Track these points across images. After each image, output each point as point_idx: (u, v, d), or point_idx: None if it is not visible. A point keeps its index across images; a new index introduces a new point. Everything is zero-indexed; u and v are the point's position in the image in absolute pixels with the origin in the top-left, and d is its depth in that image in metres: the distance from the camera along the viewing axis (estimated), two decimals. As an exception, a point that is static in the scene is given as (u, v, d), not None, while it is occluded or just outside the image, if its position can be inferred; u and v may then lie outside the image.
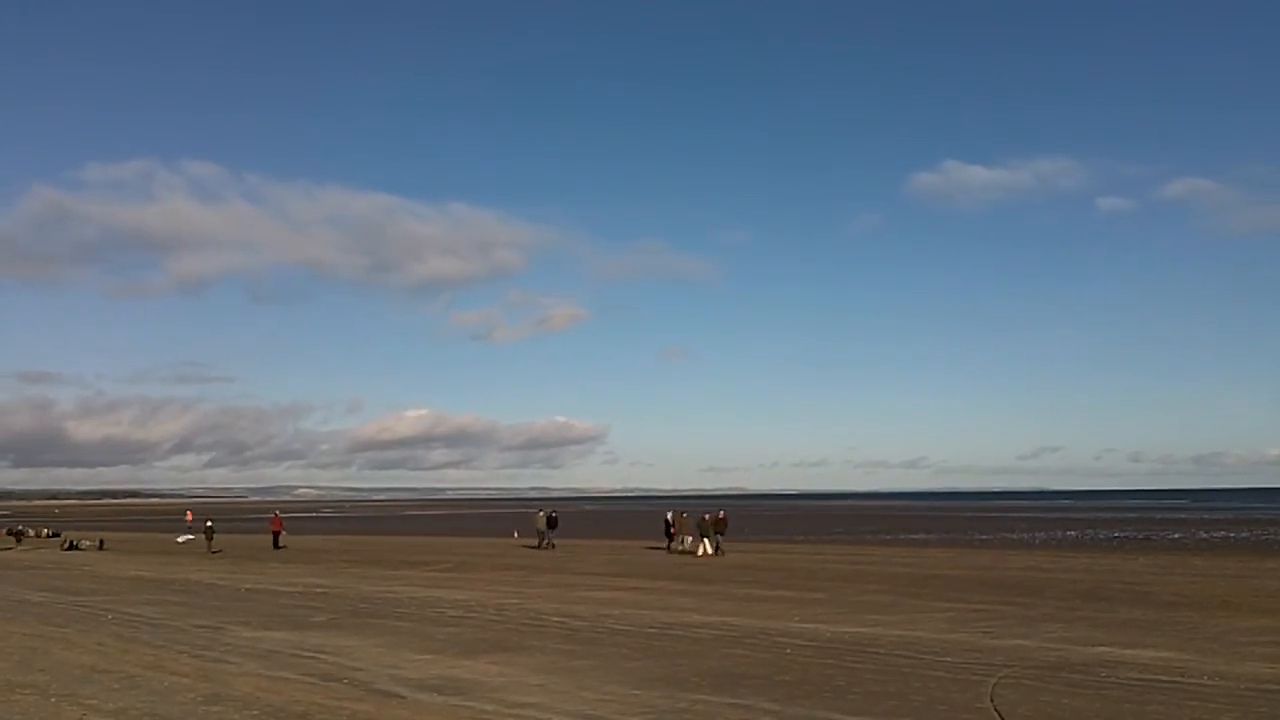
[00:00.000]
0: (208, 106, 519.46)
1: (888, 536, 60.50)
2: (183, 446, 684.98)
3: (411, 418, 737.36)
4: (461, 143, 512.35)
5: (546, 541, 43.52)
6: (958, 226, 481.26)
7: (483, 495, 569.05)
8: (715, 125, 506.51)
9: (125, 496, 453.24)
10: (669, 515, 43.05)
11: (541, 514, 45.81)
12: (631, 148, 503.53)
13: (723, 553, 37.41)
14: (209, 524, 49.22)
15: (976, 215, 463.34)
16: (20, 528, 59.04)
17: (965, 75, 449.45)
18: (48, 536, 58.47)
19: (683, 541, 39.60)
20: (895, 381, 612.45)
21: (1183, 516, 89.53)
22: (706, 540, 37.31)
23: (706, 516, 38.59)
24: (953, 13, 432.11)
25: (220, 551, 44.90)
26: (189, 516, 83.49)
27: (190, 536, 55.03)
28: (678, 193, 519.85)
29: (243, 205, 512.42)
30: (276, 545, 47.16)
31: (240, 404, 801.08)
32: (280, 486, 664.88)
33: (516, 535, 65.03)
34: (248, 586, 26.02)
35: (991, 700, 10.48)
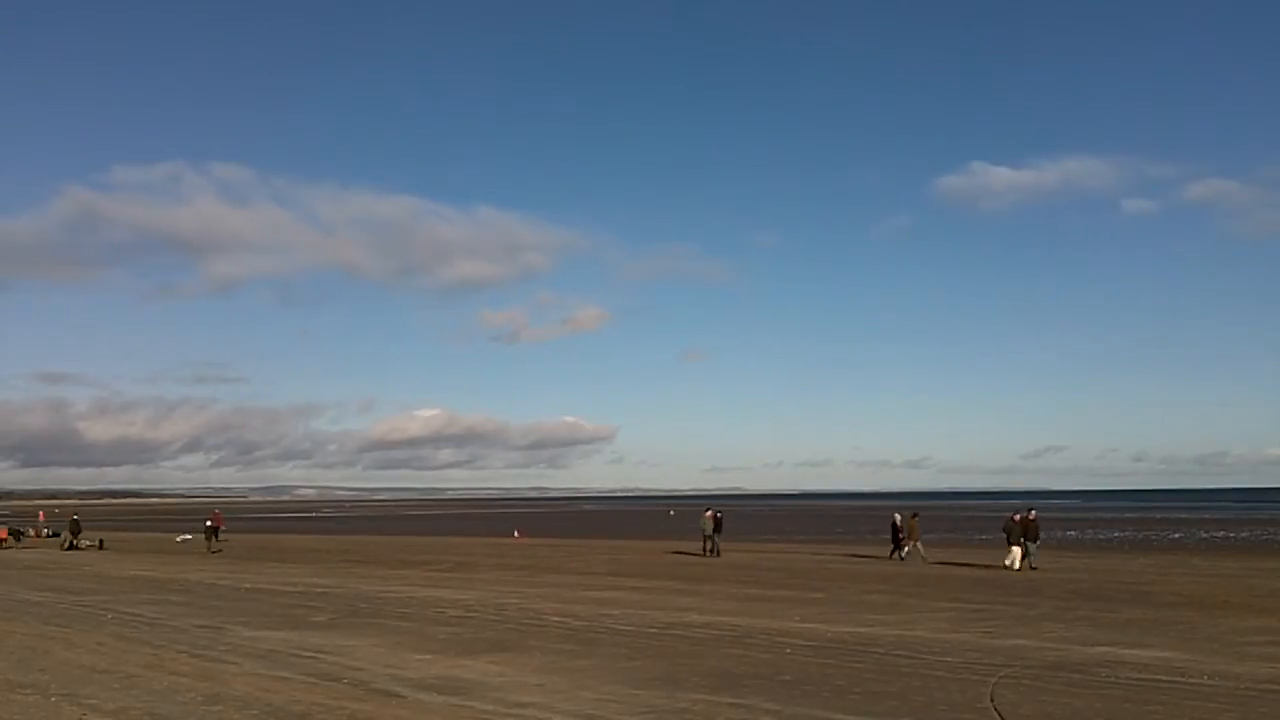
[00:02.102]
0: (232, 108, 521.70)
1: (888, 536, 60.40)
2: (192, 446, 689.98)
3: (422, 418, 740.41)
4: (488, 146, 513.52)
5: (712, 547, 36.76)
6: (981, 229, 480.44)
7: (484, 495, 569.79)
8: (742, 128, 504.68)
9: (126, 496, 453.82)
10: (896, 517, 36.61)
11: (708, 514, 38.24)
12: (659, 151, 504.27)
13: (1034, 566, 29.27)
14: (209, 524, 49.31)
15: (1000, 217, 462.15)
16: (24, 527, 59.38)
17: (991, 76, 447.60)
18: (47, 536, 58.47)
19: (916, 549, 34.24)
20: (901, 382, 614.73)
21: (1183, 516, 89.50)
22: (1016, 549, 29.51)
23: (1016, 517, 30.55)
24: (978, 13, 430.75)
25: (220, 551, 44.93)
26: (41, 517, 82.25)
27: (189, 536, 55.19)
28: (707, 196, 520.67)
29: (271, 208, 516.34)
30: (215, 538, 50.13)
31: (255, 404, 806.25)
32: (281, 486, 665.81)
33: (517, 535, 65.13)
34: (248, 586, 26.02)
35: (991, 700, 10.47)
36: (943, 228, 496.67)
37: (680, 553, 39.96)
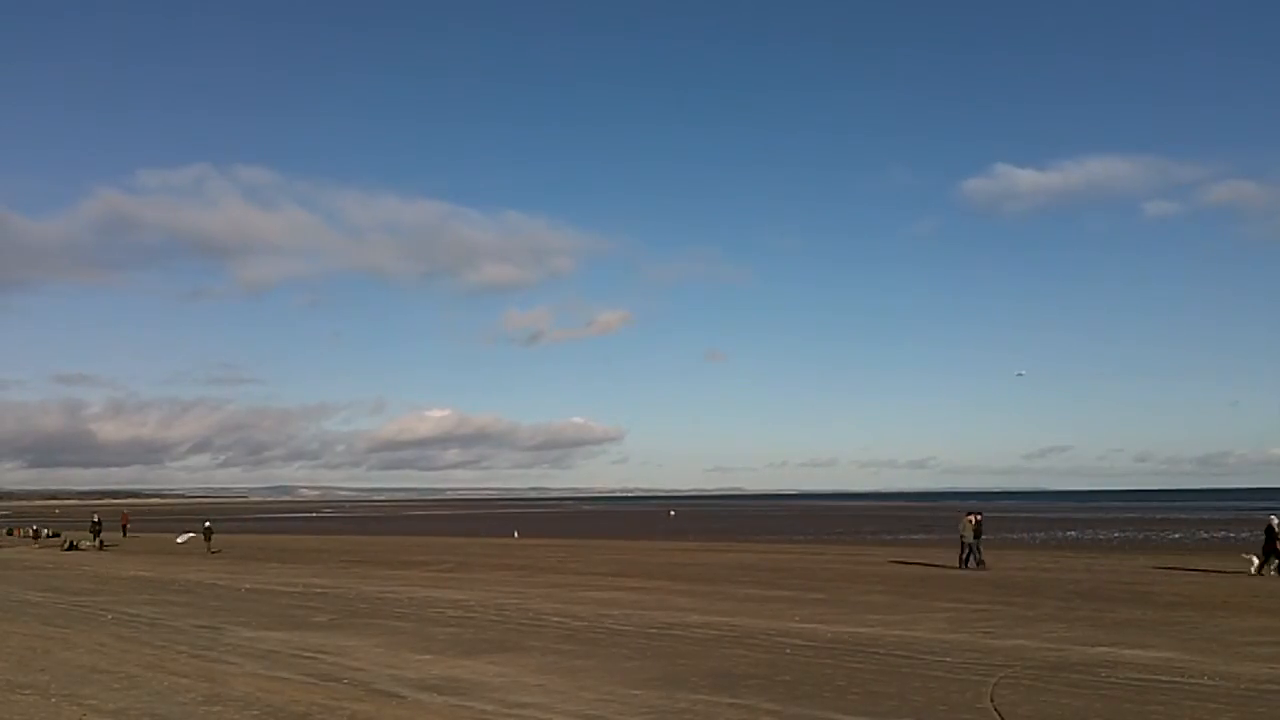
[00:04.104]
0: (254, 111, 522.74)
1: (888, 536, 60.49)
2: (202, 447, 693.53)
3: (433, 418, 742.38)
4: (514, 150, 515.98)
5: (974, 557, 30.83)
6: (1004, 232, 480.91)
7: (486, 495, 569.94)
8: (765, 131, 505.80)
9: (127, 496, 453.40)
10: (1274, 520, 28.47)
11: (969, 518, 31.94)
12: (682, 155, 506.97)
13: None
14: (207, 524, 49.35)
15: (1024, 220, 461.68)
16: (35, 528, 59.76)
17: (1015, 78, 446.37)
18: (48, 537, 58.42)
19: None
20: (906, 382, 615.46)
21: (1183, 516, 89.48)
22: None
23: None
24: (1002, 15, 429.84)
25: (220, 551, 44.94)
26: None
27: (190, 535, 55.24)
28: (729, 199, 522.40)
29: (297, 211, 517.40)
30: (124, 534, 57.10)
31: (268, 405, 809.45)
32: (284, 486, 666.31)
33: (516, 535, 65.13)
34: (248, 586, 26.02)
35: (991, 700, 10.47)
36: (967, 231, 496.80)
37: (904, 562, 33.57)
